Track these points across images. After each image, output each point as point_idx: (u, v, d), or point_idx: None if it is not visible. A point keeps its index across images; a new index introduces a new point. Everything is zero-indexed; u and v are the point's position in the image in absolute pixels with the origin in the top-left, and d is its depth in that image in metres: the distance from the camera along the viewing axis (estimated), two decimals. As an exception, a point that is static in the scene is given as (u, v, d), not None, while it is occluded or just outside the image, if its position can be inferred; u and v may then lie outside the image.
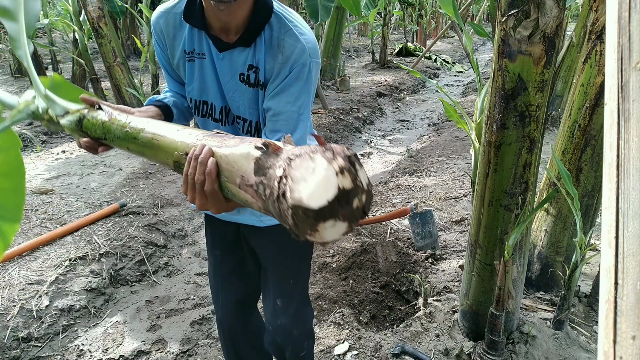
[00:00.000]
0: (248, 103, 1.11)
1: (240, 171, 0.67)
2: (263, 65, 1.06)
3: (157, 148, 0.81)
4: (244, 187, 0.67)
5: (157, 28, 1.13)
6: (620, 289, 0.44)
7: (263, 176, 0.62)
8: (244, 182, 0.66)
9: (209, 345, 2.16)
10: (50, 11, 7.82)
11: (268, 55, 1.05)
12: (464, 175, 3.80)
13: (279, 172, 0.59)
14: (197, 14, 1.05)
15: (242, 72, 1.08)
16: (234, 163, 0.68)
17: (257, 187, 0.63)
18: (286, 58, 1.03)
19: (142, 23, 4.64)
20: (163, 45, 1.15)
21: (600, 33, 1.69)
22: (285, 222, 0.59)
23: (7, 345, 2.05)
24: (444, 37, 15.35)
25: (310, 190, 0.55)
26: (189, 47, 1.10)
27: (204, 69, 1.10)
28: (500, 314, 1.61)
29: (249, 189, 0.65)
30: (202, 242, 3.13)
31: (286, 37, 1.03)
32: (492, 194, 1.56)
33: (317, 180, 0.55)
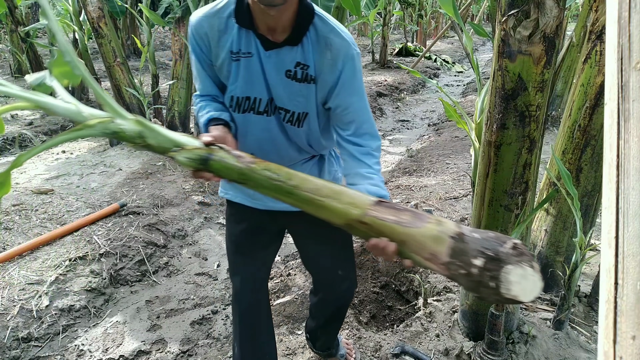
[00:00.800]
0: (291, 96, 1.20)
1: (429, 250, 0.86)
2: (312, 63, 1.16)
3: (321, 207, 0.96)
4: (433, 262, 0.86)
5: (200, 31, 1.18)
6: (620, 289, 0.44)
7: (457, 259, 0.83)
8: (434, 258, 0.85)
9: (209, 345, 2.16)
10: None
11: (316, 52, 1.16)
12: (464, 175, 3.80)
13: (477, 262, 0.80)
14: (246, 15, 1.13)
15: (289, 69, 1.17)
16: (423, 244, 0.87)
17: (448, 265, 0.84)
18: (335, 54, 1.15)
19: (142, 23, 4.64)
20: (206, 48, 1.20)
21: (600, 33, 1.69)
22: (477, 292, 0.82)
23: (7, 345, 2.05)
24: (444, 37, 15.35)
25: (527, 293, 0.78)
26: (235, 47, 1.16)
27: (251, 67, 1.17)
28: (500, 314, 1.62)
29: (437, 263, 0.85)
30: (202, 242, 3.13)
31: (331, 35, 1.15)
32: (492, 194, 1.56)
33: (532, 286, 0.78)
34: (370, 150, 1.26)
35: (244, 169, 0.98)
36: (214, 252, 3.03)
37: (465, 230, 0.86)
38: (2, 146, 4.63)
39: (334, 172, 1.47)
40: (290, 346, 2.06)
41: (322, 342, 1.82)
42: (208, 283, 2.69)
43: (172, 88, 4.71)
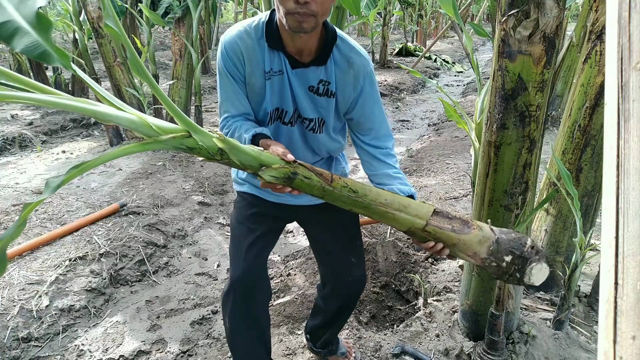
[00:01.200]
0: (314, 107, 1.36)
1: (473, 250, 1.12)
2: (334, 80, 1.32)
3: (392, 219, 1.13)
4: (474, 257, 1.13)
5: (236, 50, 1.27)
6: (620, 289, 0.44)
7: (492, 256, 1.11)
8: (475, 255, 1.12)
9: (209, 345, 2.16)
10: (50, 11, 7.81)
11: (338, 71, 1.31)
12: (464, 175, 3.80)
13: (507, 258, 1.11)
14: (275, 38, 1.26)
15: (312, 85, 1.32)
16: (470, 245, 1.12)
17: (484, 260, 1.12)
18: (357, 72, 1.32)
19: (142, 23, 4.64)
20: (242, 66, 1.30)
21: (600, 33, 1.69)
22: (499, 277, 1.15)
23: (7, 345, 2.05)
24: (444, 37, 15.35)
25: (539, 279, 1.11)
26: (268, 67, 1.29)
27: (283, 84, 1.31)
28: (500, 314, 1.61)
29: (476, 258, 1.13)
30: (202, 242, 3.13)
31: (352, 54, 1.31)
32: (492, 194, 1.56)
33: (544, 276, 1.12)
34: (390, 150, 1.44)
35: (326, 187, 1.10)
36: (214, 252, 3.03)
37: (497, 232, 1.14)
38: (2, 146, 4.63)
39: (341, 169, 1.62)
40: (290, 346, 2.06)
41: (324, 339, 1.82)
42: (208, 283, 2.69)
43: (172, 88, 4.71)
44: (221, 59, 1.30)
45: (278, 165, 1.07)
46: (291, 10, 1.13)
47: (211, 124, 5.46)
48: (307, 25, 1.15)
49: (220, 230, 3.30)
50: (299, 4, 1.11)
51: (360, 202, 1.11)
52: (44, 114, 5.53)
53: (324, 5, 1.16)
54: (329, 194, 1.11)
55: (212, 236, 3.21)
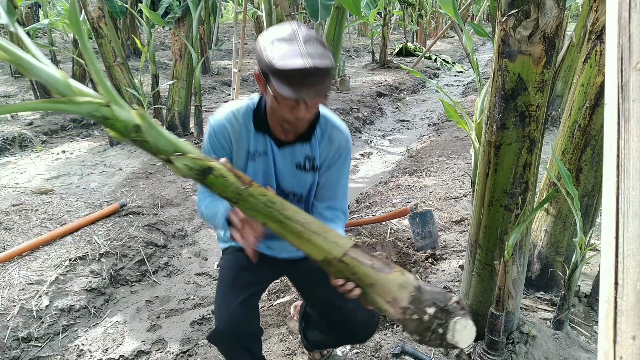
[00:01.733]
0: (299, 183, 1.43)
1: (393, 295, 0.98)
2: (318, 155, 1.40)
3: (307, 241, 1.04)
4: (393, 305, 0.98)
5: (224, 131, 1.35)
6: (620, 289, 0.44)
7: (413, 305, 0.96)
8: (394, 302, 0.98)
9: (209, 345, 2.16)
10: (50, 11, 7.81)
11: (321, 146, 1.40)
12: (464, 175, 3.80)
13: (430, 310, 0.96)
14: (263, 122, 1.35)
15: (299, 162, 1.40)
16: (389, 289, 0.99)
17: (405, 310, 0.97)
18: (337, 147, 1.40)
19: (142, 23, 4.64)
20: (228, 146, 1.37)
21: (600, 33, 1.69)
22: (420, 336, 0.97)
23: (7, 345, 2.05)
24: (444, 37, 15.35)
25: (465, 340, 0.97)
26: (252, 147, 1.37)
27: (267, 163, 1.39)
28: (500, 314, 1.61)
29: (395, 307, 0.98)
30: (202, 242, 3.13)
31: (334, 132, 1.39)
32: (492, 194, 1.56)
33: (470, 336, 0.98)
34: (339, 220, 1.45)
35: (242, 189, 1.01)
36: (214, 252, 3.03)
37: (421, 282, 1.03)
38: (2, 146, 4.63)
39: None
40: (290, 346, 2.06)
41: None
42: (208, 283, 2.69)
43: (172, 88, 4.71)
44: (208, 141, 1.36)
45: (194, 156, 1.00)
46: (289, 119, 1.23)
47: (211, 124, 5.46)
48: (302, 128, 1.32)
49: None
50: (298, 118, 1.22)
51: (276, 215, 1.02)
52: (43, 114, 5.53)
53: (316, 109, 1.27)
54: (243, 199, 1.02)
55: (212, 236, 3.21)
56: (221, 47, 9.37)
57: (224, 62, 10.04)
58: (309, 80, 1.12)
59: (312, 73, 1.11)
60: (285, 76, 1.12)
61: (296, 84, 1.12)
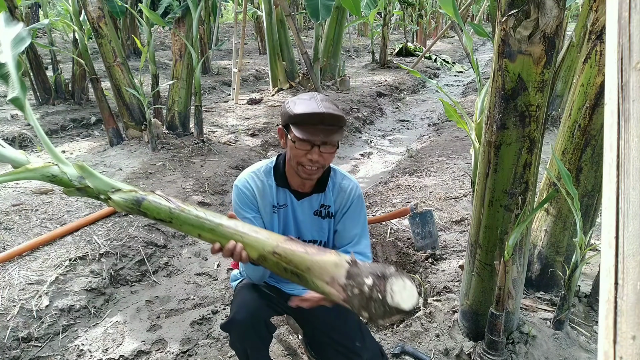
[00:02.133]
0: (318, 230, 1.60)
1: (330, 274, 1.04)
2: (332, 203, 1.58)
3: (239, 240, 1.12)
4: (333, 284, 1.03)
5: (249, 190, 1.53)
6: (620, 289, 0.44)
7: (352, 280, 1.01)
8: (333, 281, 1.03)
9: (209, 345, 2.16)
10: (50, 11, 7.81)
11: (334, 195, 1.59)
12: (464, 175, 3.80)
13: (368, 281, 0.99)
14: (282, 178, 1.55)
15: (317, 210, 1.58)
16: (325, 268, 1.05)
17: (345, 286, 1.01)
18: (348, 195, 1.58)
19: (142, 23, 4.63)
20: (254, 202, 1.54)
21: (600, 33, 1.69)
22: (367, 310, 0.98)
23: (7, 345, 2.05)
24: (444, 37, 15.35)
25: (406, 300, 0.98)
26: (275, 202, 1.55)
27: (287, 215, 1.57)
28: (500, 314, 1.61)
29: (335, 286, 1.02)
30: (202, 242, 3.12)
31: (344, 182, 1.59)
32: (492, 194, 1.56)
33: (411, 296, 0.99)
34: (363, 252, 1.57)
35: (173, 209, 1.14)
36: (214, 252, 3.02)
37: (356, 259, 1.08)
38: (2, 146, 4.62)
39: None
40: (290, 346, 2.06)
41: None
42: (208, 283, 2.69)
43: (172, 88, 4.71)
44: (237, 200, 1.53)
45: (128, 189, 1.14)
46: (304, 163, 1.42)
47: (211, 123, 5.46)
48: (316, 176, 1.48)
49: (220, 230, 3.30)
50: (312, 162, 1.41)
51: (207, 224, 1.13)
52: (44, 114, 5.54)
53: (330, 159, 1.46)
54: (176, 217, 1.13)
55: (212, 236, 3.21)
56: (221, 47, 9.38)
57: (224, 62, 10.04)
58: (322, 124, 1.37)
59: (324, 117, 1.36)
60: (302, 119, 1.37)
61: (311, 126, 1.37)
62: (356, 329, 1.60)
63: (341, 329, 1.59)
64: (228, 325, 1.55)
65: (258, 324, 1.52)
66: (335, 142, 1.42)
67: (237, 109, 6.27)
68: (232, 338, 1.59)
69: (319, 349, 1.71)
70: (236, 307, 1.56)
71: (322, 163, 1.43)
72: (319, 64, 7.44)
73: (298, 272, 1.07)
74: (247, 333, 1.52)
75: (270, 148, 5.00)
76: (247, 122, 5.56)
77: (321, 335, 1.62)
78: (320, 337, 1.63)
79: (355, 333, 1.59)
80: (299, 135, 1.36)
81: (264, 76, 9.02)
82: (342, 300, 1.02)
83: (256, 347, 1.56)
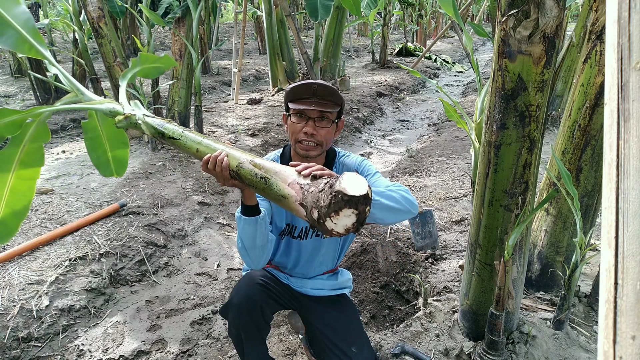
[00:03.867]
0: None
1: (292, 177, 1.11)
2: None
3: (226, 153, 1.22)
4: (293, 186, 1.09)
5: None
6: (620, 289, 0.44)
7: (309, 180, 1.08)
8: (294, 183, 1.10)
9: (209, 345, 2.16)
10: (50, 11, 7.81)
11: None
12: (464, 175, 3.80)
13: (323, 179, 1.06)
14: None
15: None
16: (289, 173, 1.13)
17: (302, 186, 1.07)
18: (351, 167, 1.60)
19: (142, 23, 4.64)
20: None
21: (600, 33, 1.69)
22: (318, 206, 1.00)
23: (7, 345, 2.05)
24: (444, 37, 15.35)
25: (353, 185, 0.98)
26: None
27: None
28: (500, 314, 1.62)
29: (296, 187, 1.08)
30: (202, 242, 3.13)
31: (346, 160, 1.63)
32: (492, 194, 1.56)
33: (358, 183, 0.99)
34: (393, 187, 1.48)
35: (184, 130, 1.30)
36: (214, 252, 3.03)
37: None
38: (2, 146, 4.63)
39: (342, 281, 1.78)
40: (290, 346, 2.06)
41: None
42: (208, 283, 2.69)
43: (172, 88, 4.71)
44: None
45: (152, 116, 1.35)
46: (300, 139, 1.47)
47: (211, 123, 5.46)
48: (313, 152, 1.49)
49: (220, 230, 3.30)
50: (307, 135, 1.46)
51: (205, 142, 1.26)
52: (44, 114, 5.53)
53: (327, 136, 1.49)
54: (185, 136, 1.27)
55: (212, 236, 3.21)
56: (221, 47, 9.38)
57: (224, 62, 10.04)
58: (316, 96, 1.44)
59: (317, 88, 1.44)
60: (295, 92, 1.46)
61: (305, 99, 1.45)
62: (356, 336, 1.61)
63: (341, 332, 1.60)
64: (225, 308, 1.59)
65: (253, 308, 1.54)
66: (330, 117, 1.48)
67: (237, 109, 6.28)
68: (229, 323, 1.60)
69: (317, 349, 1.72)
70: (234, 291, 1.59)
71: (318, 139, 1.47)
72: (319, 64, 7.44)
73: (266, 177, 1.14)
74: (242, 316, 1.54)
75: (271, 148, 5.00)
76: (247, 122, 5.56)
77: (320, 335, 1.63)
78: (319, 336, 1.64)
79: (355, 339, 1.60)
80: (294, 107, 1.45)
81: (264, 76, 9.02)
82: (298, 202, 1.07)
83: (251, 335, 1.57)
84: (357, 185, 0.99)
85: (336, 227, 0.99)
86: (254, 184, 1.17)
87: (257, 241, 1.43)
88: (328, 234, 1.01)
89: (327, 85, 1.45)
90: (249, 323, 1.55)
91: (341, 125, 1.59)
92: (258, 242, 1.44)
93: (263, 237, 1.43)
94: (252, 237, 1.42)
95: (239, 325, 1.56)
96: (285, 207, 1.12)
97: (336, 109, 1.48)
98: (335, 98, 1.47)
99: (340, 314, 1.67)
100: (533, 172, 1.49)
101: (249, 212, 1.39)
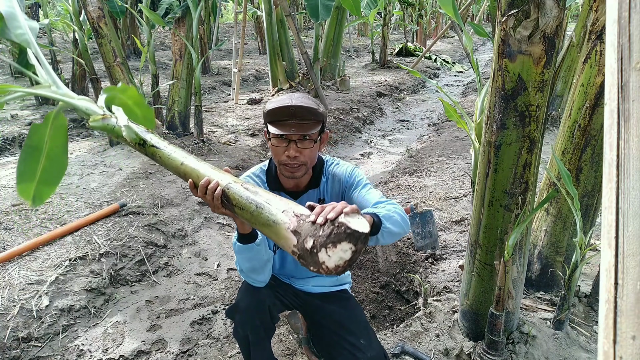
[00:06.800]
0: None
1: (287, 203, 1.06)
2: (329, 195, 1.57)
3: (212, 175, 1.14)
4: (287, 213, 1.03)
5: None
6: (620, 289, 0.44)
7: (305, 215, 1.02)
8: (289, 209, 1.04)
9: (209, 345, 2.16)
10: (50, 11, 7.81)
11: (328, 186, 1.58)
12: (464, 175, 3.80)
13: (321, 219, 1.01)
14: (275, 180, 1.54)
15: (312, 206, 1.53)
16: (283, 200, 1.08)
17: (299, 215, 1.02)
18: (339, 179, 1.57)
19: (142, 23, 4.64)
20: None
21: (600, 33, 1.69)
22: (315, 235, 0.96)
23: (7, 345, 2.05)
24: (444, 37, 15.35)
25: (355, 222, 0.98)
26: None
27: None
28: (500, 314, 1.62)
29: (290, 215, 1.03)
30: (202, 242, 3.13)
31: (335, 170, 1.58)
32: (492, 194, 1.56)
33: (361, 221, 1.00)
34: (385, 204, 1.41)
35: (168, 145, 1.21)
36: (214, 252, 3.03)
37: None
38: (2, 146, 4.63)
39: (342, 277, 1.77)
40: (290, 346, 2.06)
41: None
42: (208, 283, 2.69)
43: (172, 88, 4.71)
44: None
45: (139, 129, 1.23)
46: (283, 162, 1.41)
47: (211, 123, 5.46)
48: (299, 174, 1.44)
49: (220, 230, 3.30)
50: (290, 158, 1.39)
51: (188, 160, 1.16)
52: (43, 114, 5.53)
53: (311, 155, 1.43)
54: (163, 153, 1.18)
55: (212, 236, 3.21)
56: (221, 47, 9.38)
57: (224, 62, 10.04)
58: (295, 118, 1.36)
59: (295, 110, 1.35)
60: (274, 114, 1.37)
61: (283, 121, 1.37)
62: (362, 328, 1.61)
63: (348, 326, 1.61)
64: (233, 310, 1.58)
65: (262, 310, 1.54)
66: (312, 137, 1.40)
67: (237, 109, 6.28)
68: (236, 324, 1.60)
69: (324, 345, 1.72)
70: (242, 293, 1.58)
71: (301, 160, 1.41)
72: (319, 64, 7.44)
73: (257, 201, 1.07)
74: (250, 318, 1.54)
75: (270, 148, 5.00)
76: (247, 122, 5.56)
77: (327, 332, 1.63)
78: (326, 333, 1.64)
79: (362, 332, 1.60)
80: (273, 131, 1.37)
81: (264, 76, 9.02)
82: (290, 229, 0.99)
83: (258, 335, 1.57)
84: (361, 223, 0.98)
85: (328, 260, 0.93)
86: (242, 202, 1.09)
87: (255, 264, 1.45)
88: (316, 267, 0.95)
89: (305, 106, 1.36)
90: (257, 324, 1.55)
91: (325, 138, 1.52)
92: (257, 265, 1.46)
93: (261, 260, 1.44)
94: (250, 261, 1.44)
95: (247, 326, 1.56)
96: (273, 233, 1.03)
97: (317, 128, 1.40)
98: (316, 116, 1.39)
99: (344, 309, 1.68)
100: (533, 172, 1.49)
101: (244, 240, 1.37)
